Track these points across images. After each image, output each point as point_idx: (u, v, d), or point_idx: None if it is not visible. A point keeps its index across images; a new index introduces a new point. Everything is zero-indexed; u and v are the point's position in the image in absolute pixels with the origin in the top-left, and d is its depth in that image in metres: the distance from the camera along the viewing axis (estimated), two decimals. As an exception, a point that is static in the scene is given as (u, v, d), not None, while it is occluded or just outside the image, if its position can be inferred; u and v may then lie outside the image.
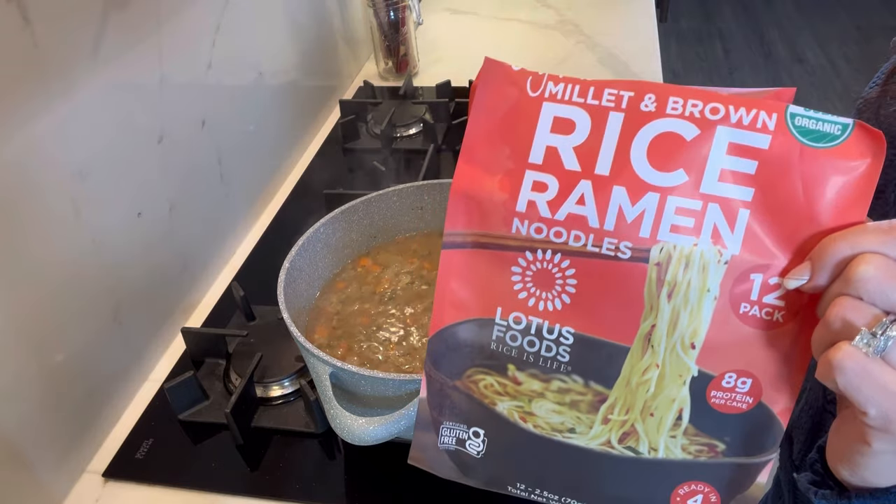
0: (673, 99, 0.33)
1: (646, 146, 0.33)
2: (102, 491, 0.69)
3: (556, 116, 0.35)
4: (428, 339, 0.40)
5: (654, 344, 0.35)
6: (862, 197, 0.32)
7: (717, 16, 3.90)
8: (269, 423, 0.73)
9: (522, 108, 0.36)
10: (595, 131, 0.34)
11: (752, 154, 0.33)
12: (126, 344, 0.78)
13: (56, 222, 0.66)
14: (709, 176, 0.33)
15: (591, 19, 1.54)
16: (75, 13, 0.67)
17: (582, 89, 0.35)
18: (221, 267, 0.96)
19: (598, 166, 0.34)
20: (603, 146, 0.34)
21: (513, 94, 0.36)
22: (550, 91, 0.35)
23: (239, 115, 1.00)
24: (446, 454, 0.43)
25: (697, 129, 0.33)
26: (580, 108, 0.35)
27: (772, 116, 0.32)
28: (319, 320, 0.72)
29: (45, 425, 0.66)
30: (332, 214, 0.74)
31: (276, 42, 1.11)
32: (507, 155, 0.36)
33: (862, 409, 0.30)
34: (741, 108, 0.33)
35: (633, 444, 0.38)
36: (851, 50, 3.44)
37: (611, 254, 0.34)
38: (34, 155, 0.63)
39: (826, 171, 0.32)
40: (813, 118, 0.32)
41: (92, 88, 0.70)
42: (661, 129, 0.33)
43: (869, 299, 0.30)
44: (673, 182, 0.33)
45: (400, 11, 1.32)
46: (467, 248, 0.38)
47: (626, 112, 0.34)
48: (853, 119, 0.32)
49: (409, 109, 1.22)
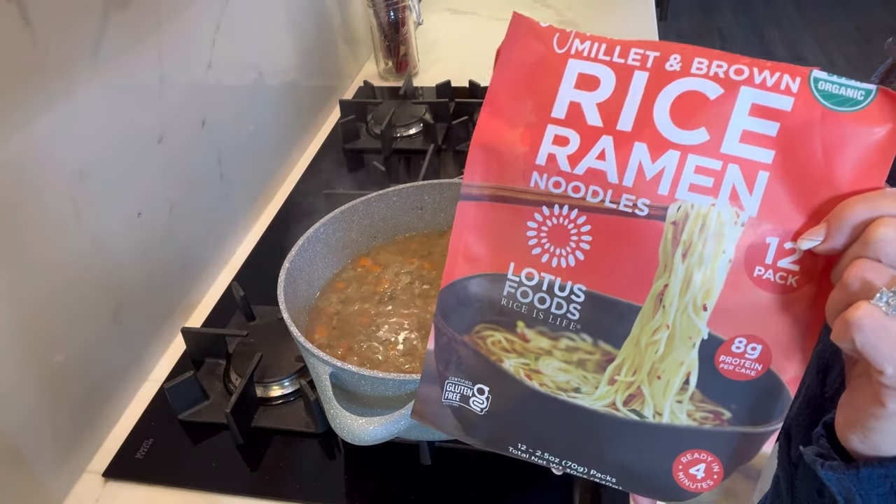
0: (698, 59, 0.33)
1: (669, 104, 0.33)
2: (102, 491, 0.69)
3: (581, 73, 0.35)
4: (439, 290, 0.39)
5: (666, 304, 0.35)
6: (882, 162, 0.32)
7: (717, 15, 3.90)
8: (269, 423, 0.73)
9: (548, 64, 0.36)
10: (619, 88, 0.34)
11: (774, 116, 0.33)
12: (126, 344, 0.78)
13: (56, 222, 0.66)
14: (730, 136, 0.33)
15: (591, 19, 1.54)
16: (75, 13, 0.67)
17: (608, 48, 0.35)
18: (221, 267, 0.96)
19: (620, 122, 0.34)
20: (626, 103, 0.34)
21: (539, 49, 0.36)
22: (577, 48, 0.36)
23: (239, 115, 1.00)
24: (449, 410, 0.42)
25: (721, 89, 0.33)
26: (605, 66, 0.35)
27: (795, 79, 0.33)
28: (319, 320, 0.72)
29: (46, 425, 0.66)
30: (332, 214, 0.74)
31: (276, 42, 1.11)
32: (530, 109, 0.36)
33: (879, 368, 0.30)
34: (765, 71, 0.33)
35: (638, 407, 0.37)
36: (851, 50, 3.44)
37: (628, 210, 0.34)
38: (34, 155, 0.63)
39: (847, 136, 0.32)
40: (836, 83, 0.32)
41: (92, 88, 0.70)
42: (686, 87, 0.33)
43: (888, 261, 0.30)
44: (694, 140, 0.33)
45: (400, 11, 1.32)
46: (484, 200, 0.37)
47: (651, 71, 0.34)
48: (876, 85, 0.32)
49: (409, 109, 1.22)
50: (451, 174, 1.08)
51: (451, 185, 0.79)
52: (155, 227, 0.81)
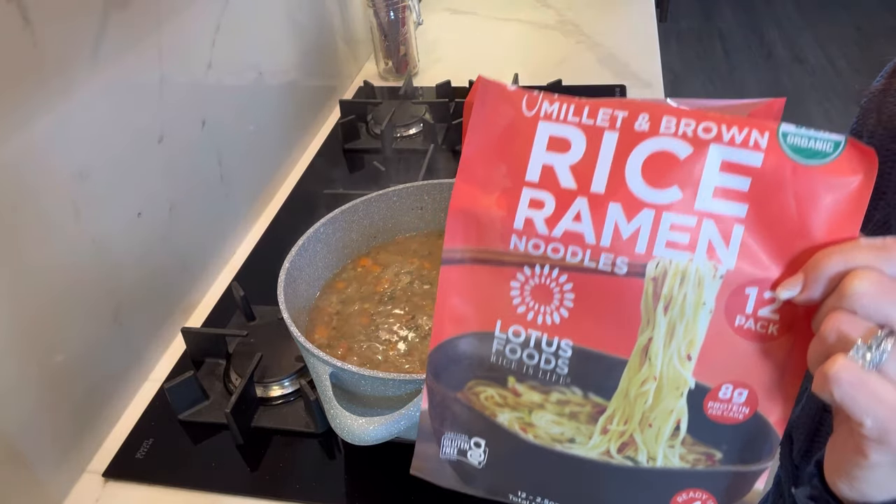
0: (667, 118, 0.34)
1: (640, 164, 0.34)
2: (102, 491, 0.69)
3: (552, 135, 0.36)
4: (428, 353, 0.40)
5: (652, 356, 0.36)
6: (855, 212, 0.32)
7: (717, 16, 3.90)
8: (269, 423, 0.73)
9: (518, 128, 0.36)
10: (590, 150, 0.35)
11: (745, 171, 0.33)
12: (126, 344, 0.78)
13: (56, 223, 0.66)
14: (703, 193, 0.33)
15: (591, 19, 1.54)
16: (75, 13, 0.67)
17: (577, 108, 0.35)
18: (221, 267, 0.96)
19: (593, 184, 0.35)
20: (598, 165, 0.35)
21: (508, 113, 0.37)
22: (546, 110, 0.36)
23: (239, 115, 1.00)
24: (448, 464, 0.43)
25: (691, 148, 0.33)
26: (576, 127, 0.35)
27: (764, 134, 0.33)
28: (319, 320, 0.72)
29: (46, 425, 0.66)
30: (332, 214, 0.74)
31: (276, 42, 1.11)
32: (504, 173, 0.37)
33: (858, 421, 0.31)
34: (733, 127, 0.33)
35: (632, 454, 0.38)
36: (851, 50, 3.44)
37: (607, 269, 0.35)
38: (34, 155, 0.63)
39: (818, 188, 0.32)
40: (805, 136, 0.33)
41: (92, 88, 0.70)
42: (656, 147, 0.34)
43: (863, 314, 0.31)
44: (668, 199, 0.34)
45: (400, 11, 1.32)
46: (466, 263, 0.38)
47: (621, 131, 0.35)
48: (845, 136, 0.33)
49: (409, 109, 1.22)
50: (451, 174, 1.08)
51: (451, 185, 0.78)
52: (155, 227, 0.81)
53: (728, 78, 3.31)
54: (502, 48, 1.46)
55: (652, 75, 1.30)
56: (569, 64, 1.37)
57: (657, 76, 1.30)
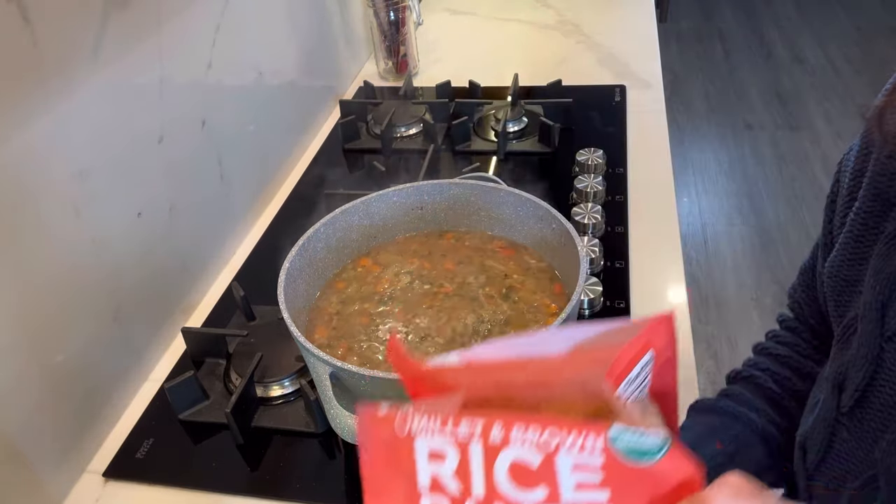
0: (516, 428, 0.37)
1: (505, 471, 0.38)
2: (102, 491, 0.69)
3: (430, 449, 0.39)
4: None
5: None
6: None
7: (717, 16, 3.90)
8: (270, 423, 0.73)
9: (399, 447, 0.40)
10: (463, 459, 0.38)
11: (594, 470, 0.37)
12: (126, 344, 0.78)
13: (56, 223, 0.66)
14: (565, 488, 0.37)
15: (591, 19, 1.54)
16: (75, 13, 0.67)
17: (443, 420, 0.39)
18: (221, 267, 0.96)
19: (474, 489, 0.38)
20: (473, 472, 0.38)
21: (387, 435, 0.40)
22: (417, 426, 0.39)
23: (239, 115, 1.00)
24: None
25: (541, 455, 0.37)
26: (446, 439, 0.39)
27: (599, 438, 0.37)
28: (319, 320, 0.72)
29: (46, 425, 0.66)
30: (332, 214, 0.74)
31: (276, 42, 1.11)
32: (401, 485, 0.40)
33: None
34: (573, 432, 0.37)
35: None
36: (851, 50, 3.44)
37: None
38: (34, 155, 0.63)
39: (651, 485, 0.36)
40: (630, 438, 0.36)
41: (92, 88, 0.70)
42: (512, 457, 0.37)
43: None
44: (538, 497, 0.37)
45: (400, 11, 1.32)
46: None
47: (482, 442, 0.38)
48: (668, 436, 0.36)
49: (409, 109, 1.22)
50: (451, 174, 1.08)
51: (450, 185, 0.79)
52: (155, 227, 0.81)
53: (728, 78, 3.32)
54: (502, 48, 1.46)
55: (652, 75, 1.30)
56: (569, 64, 1.37)
57: (657, 76, 1.30)
